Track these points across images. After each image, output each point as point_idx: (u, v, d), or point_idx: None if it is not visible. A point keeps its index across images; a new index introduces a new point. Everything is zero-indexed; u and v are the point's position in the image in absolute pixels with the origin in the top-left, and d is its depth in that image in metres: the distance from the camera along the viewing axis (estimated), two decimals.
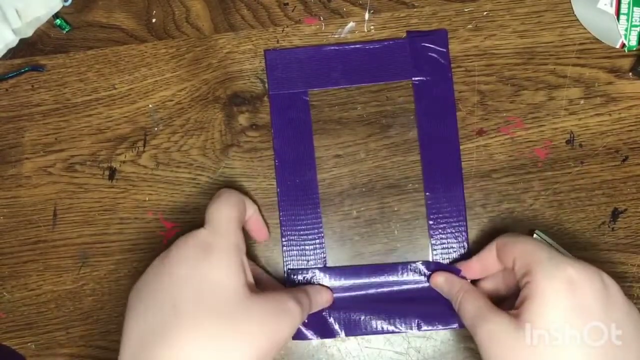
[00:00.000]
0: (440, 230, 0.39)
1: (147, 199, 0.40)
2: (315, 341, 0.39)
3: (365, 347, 0.39)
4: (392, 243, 0.39)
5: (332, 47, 0.40)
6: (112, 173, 0.40)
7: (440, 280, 0.37)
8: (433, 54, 0.39)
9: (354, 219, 0.39)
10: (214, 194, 0.40)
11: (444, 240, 0.39)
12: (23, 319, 0.40)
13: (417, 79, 0.39)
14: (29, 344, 0.40)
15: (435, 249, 0.39)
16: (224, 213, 0.33)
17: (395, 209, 0.39)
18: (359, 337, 0.39)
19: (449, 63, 0.39)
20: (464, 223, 0.38)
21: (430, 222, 0.39)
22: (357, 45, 0.40)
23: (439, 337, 0.38)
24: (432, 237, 0.39)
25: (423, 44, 0.39)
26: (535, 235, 0.37)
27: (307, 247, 0.39)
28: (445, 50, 0.39)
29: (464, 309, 0.34)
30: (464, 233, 0.38)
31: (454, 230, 0.39)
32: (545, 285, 0.30)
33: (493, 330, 0.31)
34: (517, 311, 0.31)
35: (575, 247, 0.38)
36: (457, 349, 0.38)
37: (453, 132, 0.39)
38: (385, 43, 0.40)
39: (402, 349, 0.39)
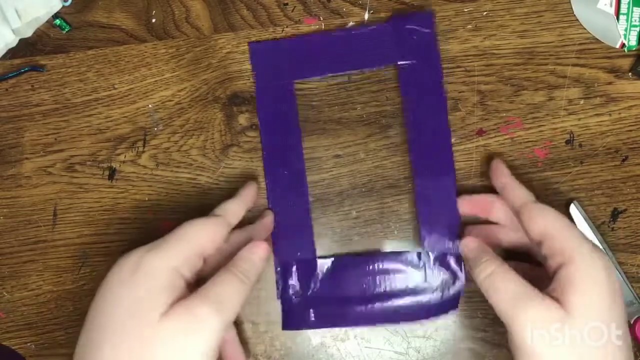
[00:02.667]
0: (429, 221, 0.38)
1: (147, 199, 0.40)
2: (315, 341, 0.39)
3: (365, 347, 0.39)
4: (392, 243, 0.39)
5: (317, 35, 0.40)
6: (112, 173, 0.40)
7: (472, 246, 0.35)
8: (417, 37, 0.39)
9: (353, 219, 0.39)
10: (214, 194, 0.40)
11: (434, 231, 0.38)
12: (23, 319, 0.40)
13: (402, 63, 0.39)
14: (28, 344, 0.40)
15: (424, 236, 0.38)
16: (184, 229, 0.32)
17: (395, 209, 0.39)
18: (358, 337, 0.39)
19: (436, 45, 0.38)
20: (456, 214, 0.38)
21: (419, 208, 0.38)
22: (341, 33, 0.39)
23: (439, 337, 0.38)
24: (421, 224, 0.38)
25: (407, 26, 0.39)
26: (572, 207, 0.38)
27: (296, 237, 0.39)
28: (430, 31, 0.39)
29: (499, 287, 0.31)
30: (456, 218, 0.38)
31: (444, 219, 0.38)
32: (594, 275, 0.30)
33: (539, 318, 0.29)
34: (560, 298, 0.30)
35: None
36: (457, 349, 0.38)
37: (442, 117, 0.38)
38: (370, 28, 0.39)
39: (402, 349, 0.39)
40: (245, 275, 0.32)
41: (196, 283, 0.32)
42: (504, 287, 0.31)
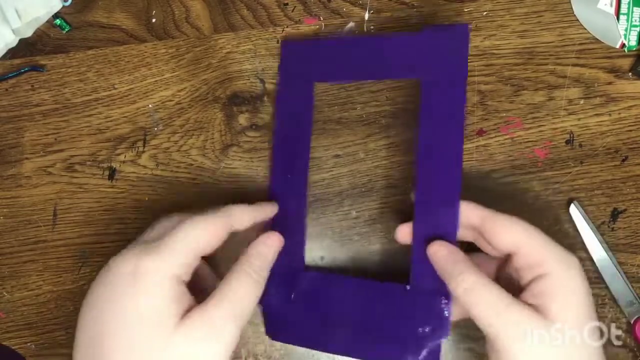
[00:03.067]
0: (423, 259, 0.33)
1: (147, 199, 0.40)
2: None
3: None
4: (392, 243, 0.39)
5: (348, 38, 0.39)
6: (112, 173, 0.40)
7: (441, 254, 0.32)
8: (448, 52, 0.35)
9: (353, 219, 0.39)
10: (214, 194, 0.40)
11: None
12: (23, 319, 0.40)
13: (427, 77, 0.35)
14: (29, 344, 0.40)
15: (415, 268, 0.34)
16: (182, 230, 0.30)
17: (395, 209, 0.39)
18: None
19: (466, 62, 0.34)
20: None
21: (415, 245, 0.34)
22: (375, 38, 0.38)
23: None
24: (414, 256, 0.34)
25: (440, 39, 0.35)
26: (572, 207, 0.38)
27: (287, 244, 0.35)
28: (464, 46, 0.35)
29: (479, 300, 0.30)
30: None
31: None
32: (573, 284, 0.30)
33: (521, 323, 0.29)
34: (540, 306, 0.29)
35: (575, 247, 0.38)
36: (457, 349, 0.38)
37: (458, 143, 0.34)
38: (402, 36, 0.38)
39: None
40: (259, 273, 0.32)
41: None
42: (484, 299, 0.29)
